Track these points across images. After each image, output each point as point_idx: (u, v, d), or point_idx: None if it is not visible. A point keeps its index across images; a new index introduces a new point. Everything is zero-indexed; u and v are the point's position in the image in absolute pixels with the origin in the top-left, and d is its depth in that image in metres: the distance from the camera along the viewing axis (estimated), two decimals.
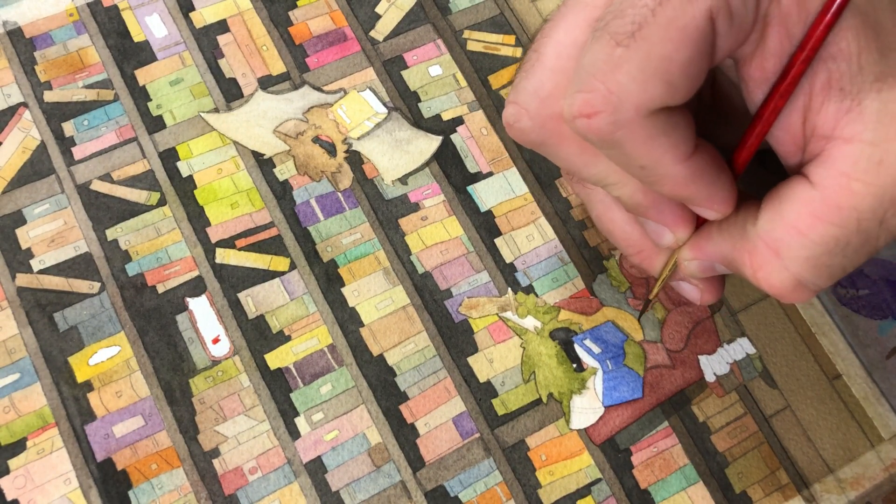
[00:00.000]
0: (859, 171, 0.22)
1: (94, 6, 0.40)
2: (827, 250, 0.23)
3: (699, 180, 0.23)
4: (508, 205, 0.39)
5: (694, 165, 0.23)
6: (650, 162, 0.23)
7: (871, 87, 0.22)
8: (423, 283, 0.37)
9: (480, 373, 0.36)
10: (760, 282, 0.24)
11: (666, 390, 0.36)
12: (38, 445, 0.33)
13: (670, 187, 0.24)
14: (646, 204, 0.26)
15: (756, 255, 0.24)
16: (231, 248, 0.37)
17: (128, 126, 0.38)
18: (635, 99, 0.21)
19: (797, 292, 0.24)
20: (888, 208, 0.22)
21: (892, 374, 0.38)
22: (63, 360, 0.34)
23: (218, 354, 0.35)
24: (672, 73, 0.21)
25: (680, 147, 0.23)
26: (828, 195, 0.22)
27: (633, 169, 0.23)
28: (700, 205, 0.25)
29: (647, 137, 0.22)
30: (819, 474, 0.36)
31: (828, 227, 0.22)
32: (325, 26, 0.41)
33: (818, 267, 0.23)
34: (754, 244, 0.24)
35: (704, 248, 0.26)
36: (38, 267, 0.36)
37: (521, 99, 0.25)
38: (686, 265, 0.27)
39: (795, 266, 0.23)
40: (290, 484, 0.34)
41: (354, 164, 0.39)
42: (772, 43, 0.22)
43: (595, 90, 0.22)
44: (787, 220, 0.23)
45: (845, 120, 0.22)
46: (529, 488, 0.34)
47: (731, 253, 0.25)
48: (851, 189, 0.22)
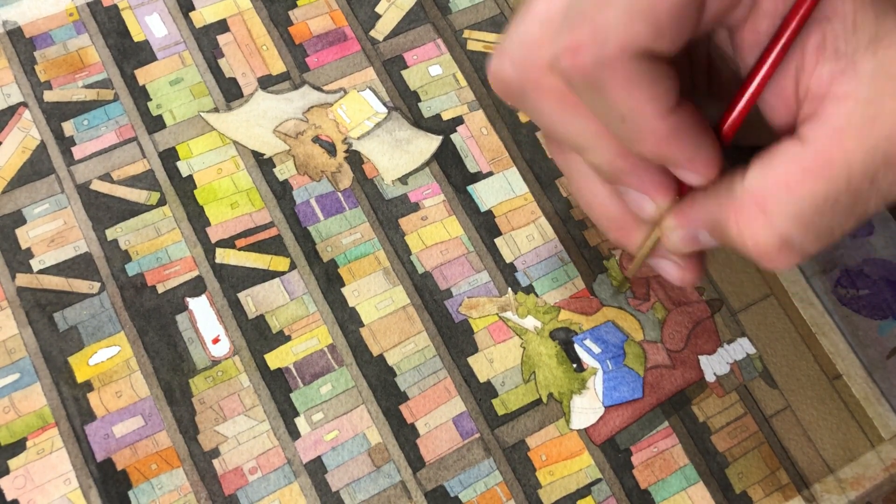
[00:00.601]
0: (852, 126, 0.21)
1: (93, 6, 0.40)
2: (815, 207, 0.22)
3: (681, 138, 0.23)
4: (508, 204, 0.39)
5: (676, 121, 0.23)
6: (630, 111, 0.22)
7: (866, 49, 0.21)
8: (423, 283, 0.37)
9: (480, 373, 0.36)
10: (746, 241, 0.23)
11: (666, 390, 0.36)
12: (38, 445, 0.33)
13: (651, 144, 0.23)
14: (625, 169, 0.25)
15: (742, 212, 0.23)
16: (231, 248, 0.37)
17: (128, 126, 0.38)
18: (621, 36, 0.21)
19: (783, 253, 0.23)
20: (880, 166, 0.21)
21: (892, 374, 0.38)
22: (63, 360, 0.34)
23: (218, 354, 0.35)
24: (659, 15, 0.21)
25: (662, 98, 0.22)
26: (819, 150, 0.22)
27: (613, 121, 0.23)
28: (682, 166, 0.24)
29: (629, 81, 0.22)
30: (819, 474, 0.36)
31: (817, 182, 0.22)
32: (325, 26, 0.41)
33: (806, 225, 0.22)
34: (741, 201, 0.23)
35: (689, 214, 0.25)
36: (37, 267, 0.36)
37: (507, 47, 0.25)
38: (669, 236, 0.26)
39: (782, 223, 0.22)
40: (290, 484, 0.34)
41: (354, 164, 0.39)
42: (766, 4, 0.22)
43: (582, 27, 0.22)
44: (776, 176, 0.22)
45: (840, 80, 0.22)
46: (529, 488, 0.34)
47: (716, 214, 0.24)
48: (843, 144, 0.21)
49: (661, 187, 0.25)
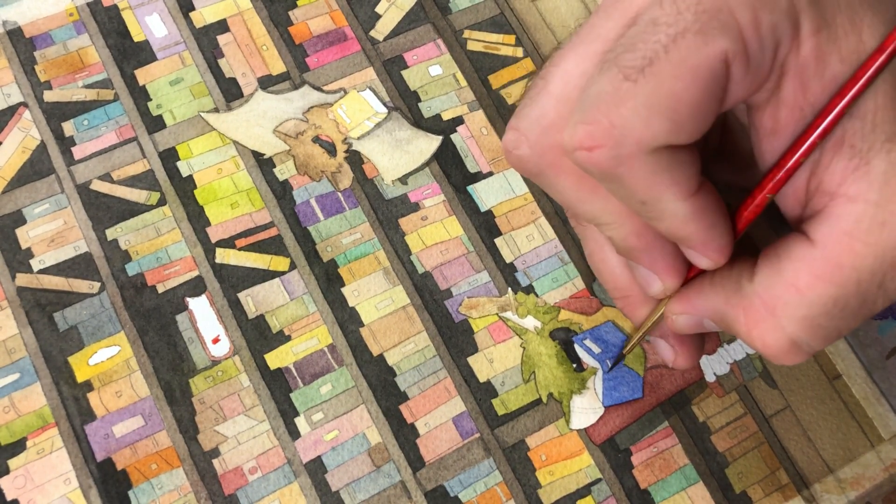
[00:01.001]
0: (862, 230, 0.21)
1: (93, 6, 0.40)
2: (825, 311, 0.22)
3: (700, 220, 0.23)
4: (508, 204, 0.39)
5: (696, 204, 0.23)
6: (650, 198, 0.22)
7: (881, 147, 0.21)
8: (423, 282, 0.37)
9: (480, 373, 0.36)
10: (755, 340, 0.24)
11: (666, 390, 0.36)
12: (38, 445, 0.33)
13: (669, 225, 0.23)
14: (638, 248, 0.25)
15: (751, 312, 0.23)
16: (231, 248, 0.37)
17: (128, 126, 0.38)
18: (638, 135, 0.21)
19: (791, 353, 0.23)
20: (888, 271, 0.21)
21: (892, 375, 0.38)
22: (63, 359, 0.34)
23: (218, 354, 0.35)
24: (679, 112, 0.21)
25: (683, 185, 0.22)
26: (828, 254, 0.22)
27: (633, 203, 0.23)
28: (696, 248, 0.24)
29: (649, 174, 0.22)
30: (819, 474, 0.36)
31: (827, 287, 0.22)
32: (325, 26, 0.41)
33: (815, 328, 0.22)
34: (750, 301, 0.23)
35: (695, 302, 0.26)
36: (37, 267, 0.36)
37: (523, 126, 0.24)
38: (674, 319, 0.27)
39: (792, 326, 0.23)
40: (290, 484, 0.34)
41: (354, 164, 0.39)
42: (786, 93, 0.22)
43: (598, 122, 0.21)
44: (786, 278, 0.22)
45: (852, 178, 0.22)
46: (529, 488, 0.34)
47: (723, 308, 0.25)
48: (853, 249, 0.21)
49: (670, 269, 0.25)
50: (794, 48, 0.21)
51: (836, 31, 0.21)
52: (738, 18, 0.21)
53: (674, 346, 0.29)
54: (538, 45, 0.42)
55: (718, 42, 0.20)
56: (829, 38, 0.21)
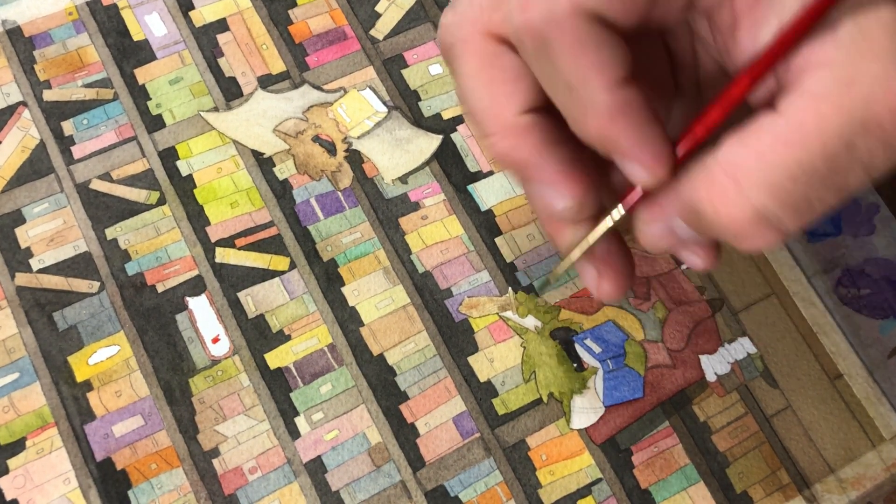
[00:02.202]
0: (828, 91, 0.20)
1: (93, 5, 0.40)
2: (790, 175, 0.21)
3: (629, 116, 0.22)
4: (509, 204, 0.38)
5: (624, 97, 0.22)
6: (577, 78, 0.21)
7: (847, 16, 0.21)
8: (424, 282, 0.37)
9: (481, 372, 0.36)
10: (720, 216, 0.22)
11: (667, 390, 0.36)
12: (38, 445, 0.33)
13: (596, 122, 0.22)
14: (527, 160, 0.24)
15: (714, 186, 0.22)
16: (231, 248, 0.37)
17: (127, 125, 0.38)
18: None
19: (760, 228, 0.22)
20: (857, 131, 0.20)
21: (893, 374, 0.37)
22: (62, 359, 0.34)
23: (218, 354, 0.35)
24: None
25: (610, 68, 0.21)
26: (792, 118, 0.21)
27: (559, 89, 0.22)
28: (627, 153, 0.22)
29: (578, 42, 0.21)
30: (820, 474, 0.36)
31: (791, 150, 0.21)
32: (325, 25, 0.41)
33: (781, 195, 0.21)
34: (713, 174, 0.22)
35: (661, 202, 0.24)
36: (37, 266, 0.36)
37: (458, 1, 0.24)
38: (644, 232, 0.24)
39: (756, 193, 0.21)
40: (290, 484, 0.34)
41: (354, 163, 0.39)
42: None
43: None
44: (749, 146, 0.21)
45: (819, 48, 0.21)
46: (530, 488, 0.34)
47: (690, 194, 0.23)
48: (818, 110, 0.20)
49: (569, 178, 0.24)
50: None
51: None
52: None
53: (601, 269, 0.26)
54: None
55: None
56: None
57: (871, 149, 0.21)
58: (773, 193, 0.21)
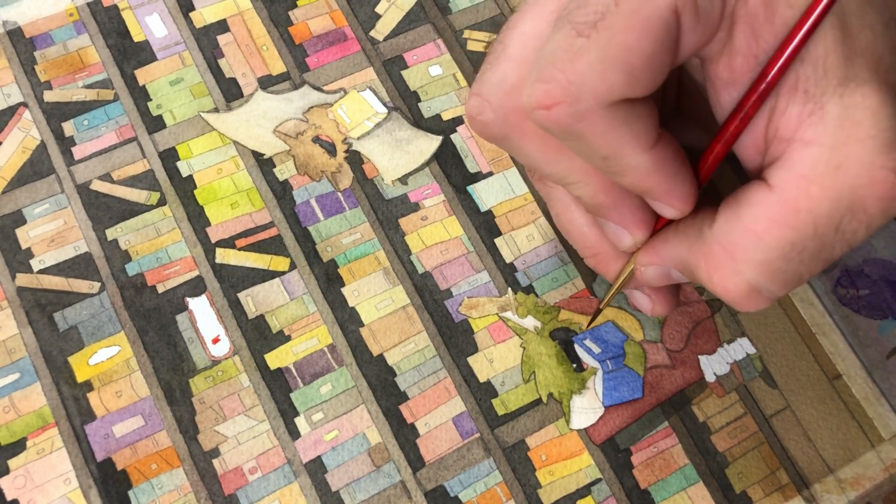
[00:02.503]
0: (817, 174, 0.21)
1: (93, 6, 0.40)
2: (782, 255, 0.22)
3: (661, 171, 0.23)
4: (508, 204, 0.39)
5: (656, 156, 0.23)
6: (612, 152, 0.22)
7: (833, 91, 0.21)
8: (423, 283, 0.37)
9: (480, 373, 0.36)
10: (715, 286, 0.24)
11: (666, 390, 0.36)
12: (38, 445, 0.33)
13: (632, 178, 0.23)
14: (606, 204, 0.25)
15: (711, 258, 0.24)
16: (231, 248, 0.37)
17: (128, 126, 0.38)
18: (595, 89, 0.21)
19: (751, 298, 0.23)
20: (844, 213, 0.22)
21: (892, 375, 0.38)
22: (63, 359, 0.34)
23: (218, 354, 0.35)
24: (633, 64, 0.21)
25: (642, 137, 0.22)
26: (785, 198, 0.22)
27: (595, 160, 0.23)
28: (660, 199, 0.24)
29: (609, 128, 0.22)
30: (819, 474, 0.36)
31: (784, 231, 0.22)
32: (325, 26, 0.41)
33: (773, 272, 0.23)
34: (710, 247, 0.24)
35: (661, 252, 0.26)
36: (37, 267, 0.36)
37: (485, 91, 0.25)
38: (643, 271, 0.27)
39: (750, 270, 0.23)
40: (290, 484, 0.34)
41: (354, 164, 0.39)
42: (738, 42, 0.22)
43: (554, 80, 0.21)
44: (744, 223, 0.23)
45: (807, 123, 0.22)
46: (529, 488, 0.34)
47: (686, 256, 0.25)
48: (809, 193, 0.22)
49: (638, 222, 0.26)
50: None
51: None
52: None
53: (650, 295, 0.29)
54: None
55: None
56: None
57: (856, 229, 0.22)
58: (767, 271, 0.23)
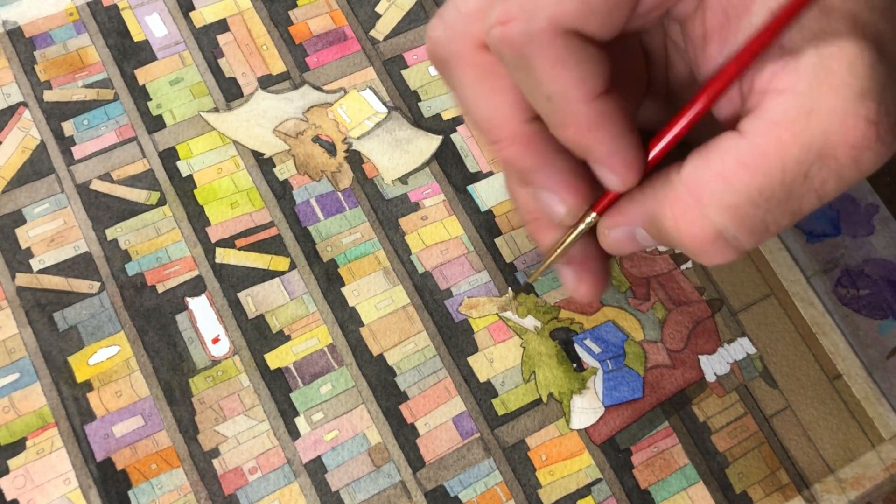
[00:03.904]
0: (788, 119, 0.21)
1: (93, 6, 0.40)
2: (750, 199, 0.22)
3: (605, 128, 0.23)
4: (509, 204, 0.39)
5: (601, 108, 0.22)
6: (557, 90, 0.22)
7: (809, 44, 0.21)
8: (423, 282, 0.37)
9: (480, 373, 0.36)
10: (681, 232, 0.23)
11: (666, 390, 0.36)
12: (38, 445, 0.33)
13: (574, 130, 0.23)
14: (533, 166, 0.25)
15: (677, 203, 0.23)
16: (231, 248, 0.37)
17: (127, 125, 0.38)
18: (549, 11, 0.21)
19: (717, 246, 0.23)
20: (814, 161, 0.21)
21: (892, 374, 0.37)
22: (63, 359, 0.34)
23: (218, 354, 0.35)
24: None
25: (589, 81, 0.22)
26: (755, 143, 0.22)
27: (539, 100, 0.23)
28: (602, 160, 0.24)
29: (557, 58, 0.22)
30: (819, 474, 0.36)
31: (753, 175, 0.22)
32: (325, 26, 0.41)
33: (740, 217, 0.22)
34: (677, 192, 0.23)
35: (626, 211, 0.25)
36: (37, 266, 0.36)
37: (445, 12, 0.25)
38: (607, 234, 0.26)
39: (717, 214, 0.22)
40: (290, 484, 0.34)
41: (354, 164, 0.39)
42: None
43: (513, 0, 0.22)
44: (713, 167, 0.22)
45: (781, 73, 0.22)
46: (529, 488, 0.34)
47: (652, 208, 0.24)
48: (779, 137, 0.21)
49: (570, 187, 0.25)
50: None
51: None
52: None
53: (578, 272, 0.28)
54: None
55: None
56: None
57: (825, 178, 0.22)
58: (733, 215, 0.22)
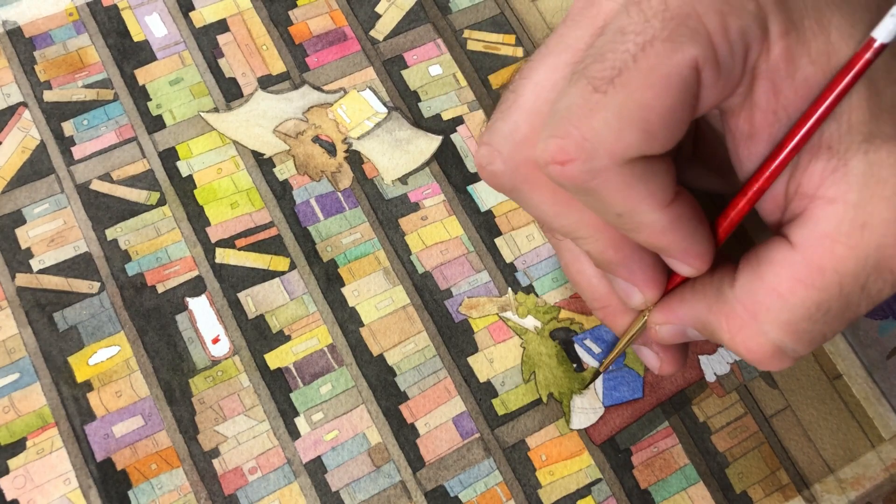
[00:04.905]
0: (842, 233, 0.21)
1: (93, 6, 0.40)
2: (808, 315, 0.22)
3: (677, 230, 0.23)
4: (508, 204, 0.39)
5: (673, 214, 0.22)
6: (627, 210, 0.22)
7: (858, 148, 0.21)
8: (423, 282, 0.37)
9: (480, 373, 0.36)
10: (738, 346, 0.23)
11: (666, 390, 0.36)
12: (38, 445, 0.33)
13: (647, 235, 0.23)
14: (616, 261, 0.25)
15: (733, 318, 0.23)
16: (231, 248, 0.37)
17: (127, 126, 0.38)
18: (611, 147, 0.20)
19: (776, 359, 0.23)
20: (870, 273, 0.21)
21: (892, 375, 0.37)
22: (63, 359, 0.34)
23: (218, 354, 0.35)
24: (651, 122, 0.20)
25: (658, 194, 0.22)
26: (809, 257, 0.22)
27: (609, 216, 0.23)
28: (676, 257, 0.24)
29: (624, 185, 0.21)
30: (819, 474, 0.36)
31: (809, 291, 0.22)
32: (325, 26, 0.41)
33: (798, 332, 0.22)
34: (732, 307, 0.23)
35: (677, 311, 0.25)
36: (37, 267, 0.36)
37: (496, 141, 0.24)
38: (657, 330, 0.26)
39: (775, 331, 0.22)
40: (290, 484, 0.34)
41: (354, 164, 0.39)
42: (759, 97, 0.22)
43: (569, 136, 0.21)
44: (767, 283, 0.22)
45: (830, 180, 0.21)
46: (529, 488, 0.34)
47: (705, 316, 0.24)
48: (834, 252, 0.21)
49: (650, 281, 0.25)
50: (764, 51, 0.21)
51: (805, 34, 0.21)
52: (707, 24, 0.20)
53: (658, 353, 0.28)
54: (538, 44, 0.42)
55: (688, 49, 0.20)
56: (798, 40, 0.21)
57: (881, 288, 0.22)
58: (791, 332, 0.22)
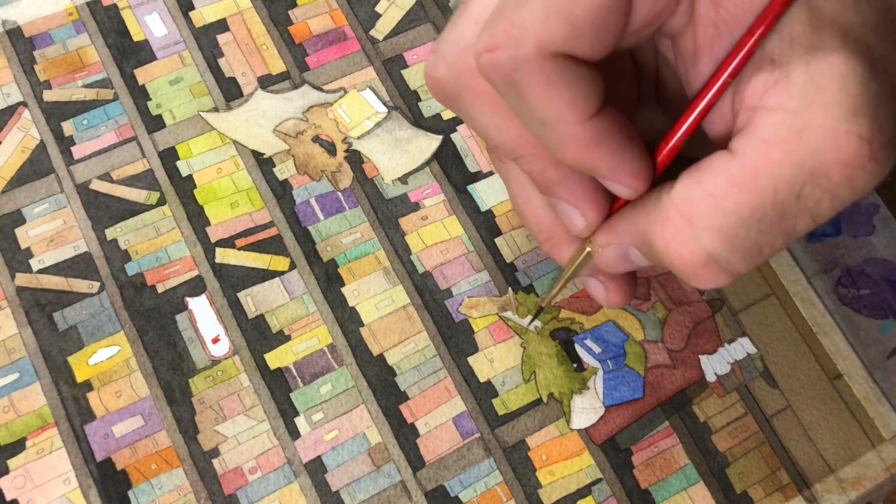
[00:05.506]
0: (779, 138, 0.21)
1: (93, 5, 0.40)
2: (741, 220, 0.21)
3: (603, 145, 0.22)
4: (509, 204, 0.38)
5: (597, 127, 0.22)
6: (550, 115, 0.22)
7: (800, 60, 0.21)
8: (423, 282, 0.37)
9: (480, 372, 0.36)
10: (672, 254, 0.22)
11: (666, 390, 0.36)
12: (38, 445, 0.33)
13: (572, 152, 0.22)
14: (556, 180, 0.24)
15: (668, 224, 0.22)
16: (231, 248, 0.37)
17: (127, 125, 0.38)
18: (536, 35, 0.21)
19: (709, 269, 0.22)
20: (806, 180, 0.21)
21: (893, 374, 0.37)
22: (62, 359, 0.34)
23: (218, 354, 0.35)
24: (577, 14, 0.21)
25: (582, 102, 0.22)
26: (746, 162, 0.21)
27: (534, 125, 0.22)
28: (608, 176, 0.23)
29: (547, 82, 0.21)
30: (820, 474, 0.36)
31: (743, 195, 0.21)
32: (325, 25, 0.41)
33: (731, 239, 0.22)
34: (667, 213, 0.22)
35: (618, 229, 0.25)
36: (37, 266, 0.36)
37: (442, 48, 0.24)
38: (600, 252, 0.26)
39: (707, 236, 0.22)
40: (290, 484, 0.34)
41: (354, 164, 0.39)
42: (700, 13, 0.22)
43: (499, 25, 0.21)
44: (703, 188, 0.22)
45: (772, 91, 0.21)
46: (530, 488, 0.34)
47: (643, 228, 0.24)
48: (770, 157, 0.21)
49: (590, 202, 0.25)
50: None
51: None
52: None
53: (604, 282, 0.28)
54: None
55: None
56: None
57: (819, 198, 0.21)
58: (724, 237, 0.22)
